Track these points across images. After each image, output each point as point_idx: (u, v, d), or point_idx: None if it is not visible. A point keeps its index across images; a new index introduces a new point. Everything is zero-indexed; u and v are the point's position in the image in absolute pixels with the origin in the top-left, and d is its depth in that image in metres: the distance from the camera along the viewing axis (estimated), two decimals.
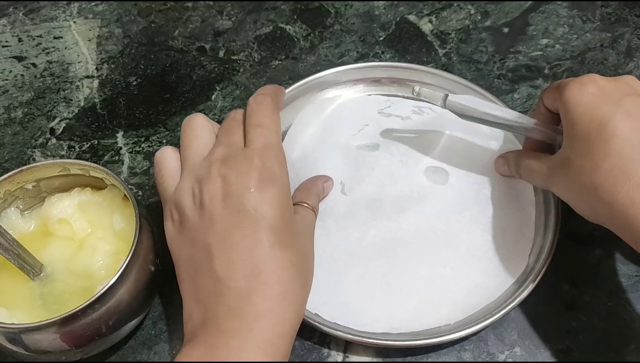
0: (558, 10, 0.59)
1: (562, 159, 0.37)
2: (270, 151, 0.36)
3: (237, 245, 0.33)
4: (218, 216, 0.34)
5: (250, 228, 0.33)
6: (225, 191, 0.34)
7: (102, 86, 0.55)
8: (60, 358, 0.35)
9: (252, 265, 0.33)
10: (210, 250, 0.33)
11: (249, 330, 0.31)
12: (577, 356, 0.40)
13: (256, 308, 0.32)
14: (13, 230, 0.39)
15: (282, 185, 0.36)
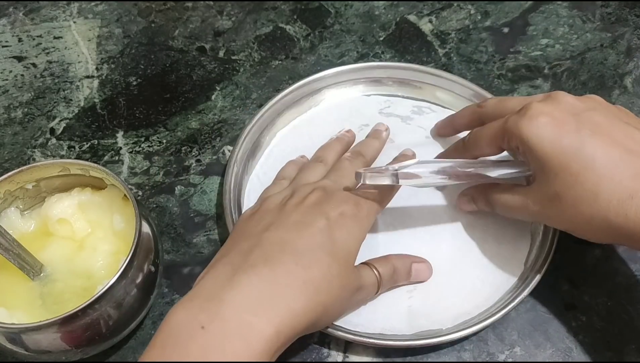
0: (558, 10, 0.59)
1: (550, 195, 0.36)
2: (367, 205, 0.38)
3: (293, 232, 0.34)
4: (294, 213, 0.36)
5: (316, 227, 0.35)
6: (313, 204, 0.36)
7: (102, 86, 0.55)
8: (60, 358, 0.35)
9: (294, 245, 0.33)
10: (269, 224, 0.35)
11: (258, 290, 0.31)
12: (577, 356, 0.40)
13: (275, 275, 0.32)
14: (13, 230, 0.39)
15: (361, 228, 0.37)
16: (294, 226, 0.35)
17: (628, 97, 0.53)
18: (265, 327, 0.30)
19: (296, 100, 0.50)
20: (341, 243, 0.35)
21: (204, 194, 0.47)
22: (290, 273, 0.32)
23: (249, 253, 0.33)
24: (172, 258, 0.44)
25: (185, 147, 0.50)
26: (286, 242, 0.34)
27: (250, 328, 0.30)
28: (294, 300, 0.31)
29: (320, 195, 0.37)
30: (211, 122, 0.52)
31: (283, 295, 0.31)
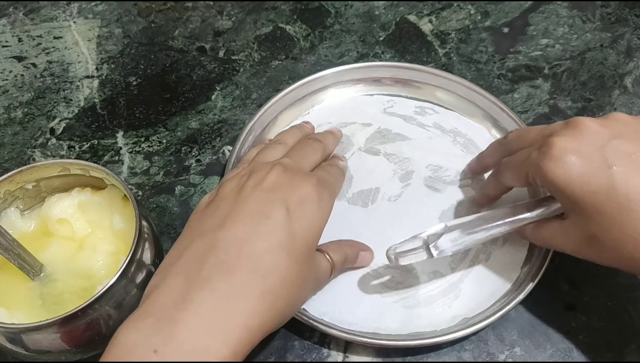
0: (558, 10, 0.59)
1: (588, 237, 0.34)
2: (329, 186, 0.36)
3: (250, 229, 0.32)
4: (251, 201, 0.33)
5: (275, 221, 0.32)
6: (270, 188, 0.34)
7: (102, 86, 0.55)
8: (60, 358, 0.35)
9: (252, 248, 0.31)
10: (225, 219, 0.33)
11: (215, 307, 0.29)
12: (577, 356, 0.40)
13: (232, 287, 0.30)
14: (13, 230, 0.39)
15: (322, 213, 0.35)
16: (251, 219, 0.32)
17: (628, 97, 0.53)
18: (221, 348, 0.29)
19: (297, 99, 0.50)
20: (302, 238, 0.33)
21: (204, 194, 0.47)
22: (247, 283, 0.30)
23: (204, 261, 0.31)
24: None
25: (185, 147, 0.50)
26: (243, 243, 0.31)
27: (206, 351, 0.28)
28: (251, 315, 0.30)
29: (278, 173, 0.35)
30: (211, 122, 0.52)
31: (240, 311, 0.30)
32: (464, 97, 0.50)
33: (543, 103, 0.53)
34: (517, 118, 0.48)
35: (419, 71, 0.52)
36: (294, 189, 0.34)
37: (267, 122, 0.49)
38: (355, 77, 0.52)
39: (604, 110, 0.52)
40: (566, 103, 0.53)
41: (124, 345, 0.28)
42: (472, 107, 0.50)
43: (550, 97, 0.53)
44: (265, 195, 0.34)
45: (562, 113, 0.52)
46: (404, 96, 0.52)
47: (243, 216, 0.33)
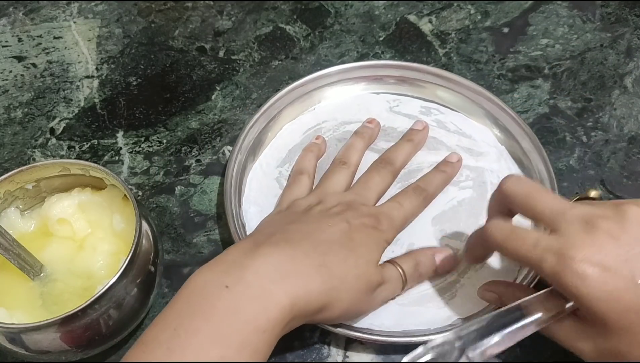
0: (558, 10, 0.59)
1: (611, 350, 0.32)
2: (391, 222, 0.40)
3: (315, 225, 0.37)
4: (318, 217, 0.38)
5: (337, 227, 0.37)
6: (336, 213, 0.38)
7: (102, 86, 0.55)
8: (60, 358, 0.35)
9: (317, 235, 0.36)
10: (294, 221, 0.38)
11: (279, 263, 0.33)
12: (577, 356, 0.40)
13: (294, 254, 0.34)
14: (13, 230, 0.39)
15: (379, 242, 0.38)
16: (317, 224, 0.37)
17: (628, 97, 0.53)
18: (282, 296, 0.31)
19: (297, 98, 0.51)
20: (359, 243, 0.36)
21: (204, 194, 0.47)
22: (308, 255, 0.34)
23: (272, 235, 0.35)
24: (172, 258, 0.44)
25: (185, 147, 0.50)
26: (307, 233, 0.36)
27: (270, 295, 0.31)
28: (310, 279, 0.33)
29: (344, 209, 0.39)
30: (211, 122, 0.52)
31: (300, 272, 0.33)
32: (467, 97, 0.50)
33: (543, 103, 0.53)
34: (521, 121, 0.48)
35: (420, 71, 0.52)
36: (357, 216, 0.38)
37: (267, 121, 0.49)
38: (357, 75, 0.52)
39: (603, 110, 0.52)
40: (566, 103, 0.53)
41: (200, 281, 0.32)
42: (475, 107, 0.50)
43: (550, 97, 0.53)
44: (331, 216, 0.38)
45: (562, 113, 0.52)
46: (410, 96, 0.52)
47: (310, 221, 0.38)
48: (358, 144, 0.47)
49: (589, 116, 0.52)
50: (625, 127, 0.51)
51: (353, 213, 0.39)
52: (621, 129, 0.51)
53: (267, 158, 0.48)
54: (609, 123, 0.51)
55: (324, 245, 0.35)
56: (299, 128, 0.50)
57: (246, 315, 0.30)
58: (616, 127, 0.51)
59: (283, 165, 0.48)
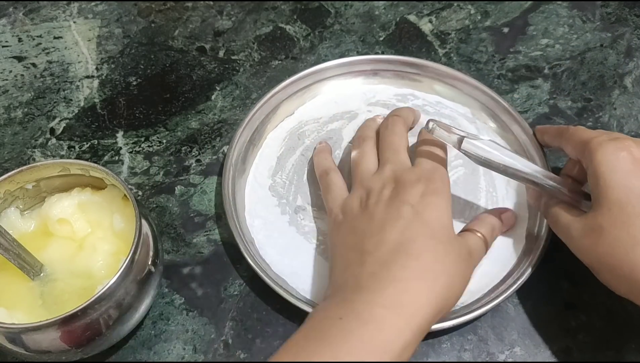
0: (558, 10, 0.59)
1: (593, 227, 0.36)
2: (437, 173, 0.39)
3: (389, 230, 0.36)
4: (379, 211, 0.37)
5: (406, 218, 0.36)
6: (390, 198, 0.38)
7: (102, 86, 0.55)
8: (60, 358, 0.35)
9: (398, 241, 0.35)
10: (364, 233, 0.36)
11: (382, 289, 0.33)
12: (577, 356, 0.40)
13: (393, 274, 0.33)
14: (13, 230, 0.39)
15: (444, 199, 0.38)
16: (387, 224, 0.36)
17: (628, 97, 0.53)
18: (395, 319, 0.32)
19: (276, 105, 0.50)
20: (435, 222, 0.36)
21: (204, 194, 0.47)
22: (405, 267, 0.34)
23: (362, 263, 0.35)
24: (172, 258, 0.44)
25: (185, 147, 0.50)
26: (388, 241, 0.35)
27: (383, 318, 0.32)
28: (418, 293, 0.33)
29: (392, 186, 0.39)
30: (211, 122, 0.52)
31: (406, 290, 0.33)
32: (466, 93, 0.51)
33: (543, 103, 0.53)
34: (519, 117, 0.48)
35: (417, 66, 0.52)
36: (410, 190, 0.38)
37: (251, 133, 0.49)
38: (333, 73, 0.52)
39: (603, 110, 0.52)
40: (566, 103, 0.53)
41: (316, 318, 0.33)
42: (475, 103, 0.51)
43: (550, 97, 0.53)
44: (389, 203, 0.38)
45: (562, 113, 0.52)
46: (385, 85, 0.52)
47: (377, 224, 0.37)
48: (370, 123, 0.47)
49: (589, 116, 0.52)
50: (625, 127, 0.51)
51: (404, 189, 0.38)
52: (621, 129, 0.51)
53: (259, 168, 0.48)
54: (609, 123, 0.51)
55: (412, 248, 0.34)
56: (281, 135, 0.50)
57: (363, 339, 0.31)
58: (616, 127, 0.51)
59: (275, 174, 0.47)
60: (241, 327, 0.41)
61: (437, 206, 0.37)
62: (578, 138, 0.39)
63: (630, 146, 0.36)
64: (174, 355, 0.40)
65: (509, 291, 0.40)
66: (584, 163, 0.38)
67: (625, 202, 0.34)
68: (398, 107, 0.50)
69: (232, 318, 0.41)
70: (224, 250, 0.44)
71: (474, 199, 0.46)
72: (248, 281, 0.43)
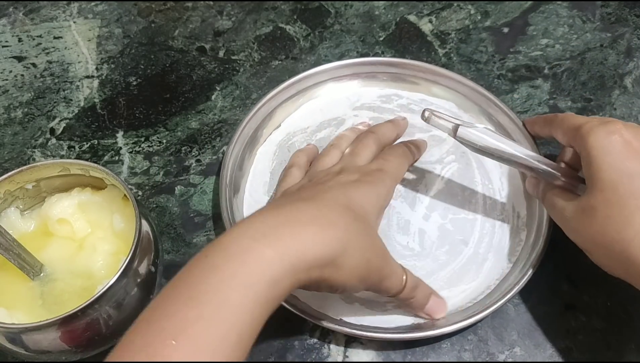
0: (558, 10, 0.59)
1: (586, 208, 0.36)
2: (378, 172, 0.40)
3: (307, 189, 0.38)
4: (310, 186, 0.39)
5: (331, 186, 0.37)
6: (326, 180, 0.38)
7: (102, 86, 0.55)
8: (60, 358, 0.35)
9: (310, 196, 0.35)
10: (287, 197, 0.38)
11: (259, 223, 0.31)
12: (577, 356, 0.40)
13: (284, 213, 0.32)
14: (13, 230, 0.39)
15: (374, 191, 0.38)
16: (311, 192, 0.36)
17: (628, 97, 0.53)
18: (264, 249, 0.29)
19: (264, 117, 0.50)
20: (357, 201, 0.35)
21: (204, 195, 0.47)
22: (299, 210, 0.32)
23: (262, 211, 0.33)
24: (172, 258, 0.44)
25: (185, 147, 0.50)
26: (300, 198, 0.35)
27: (249, 251, 0.29)
28: (302, 228, 0.31)
29: (333, 175, 0.39)
30: (211, 122, 0.52)
31: (289, 224, 0.31)
32: (461, 93, 0.51)
33: (543, 103, 0.53)
34: (515, 116, 0.48)
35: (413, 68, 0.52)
36: (348, 175, 0.39)
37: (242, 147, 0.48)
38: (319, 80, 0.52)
39: (603, 110, 0.52)
40: (566, 103, 0.53)
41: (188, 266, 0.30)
42: (470, 104, 0.51)
43: (550, 97, 0.53)
44: (321, 182, 0.38)
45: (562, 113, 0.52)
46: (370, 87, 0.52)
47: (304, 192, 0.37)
48: (350, 134, 0.47)
49: (590, 116, 0.52)
50: None
51: (341, 174, 0.39)
52: None
53: (253, 186, 0.47)
54: None
55: (318, 202, 0.34)
56: (271, 149, 0.49)
57: (224, 275, 0.28)
58: None
59: (270, 190, 0.47)
60: None
61: (365, 193, 0.37)
62: (569, 124, 0.39)
63: (621, 129, 0.36)
64: None
65: (511, 294, 0.39)
66: (577, 148, 0.38)
67: (617, 183, 0.35)
68: (383, 108, 0.51)
69: None
70: None
71: (471, 193, 0.46)
72: None
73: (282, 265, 0.29)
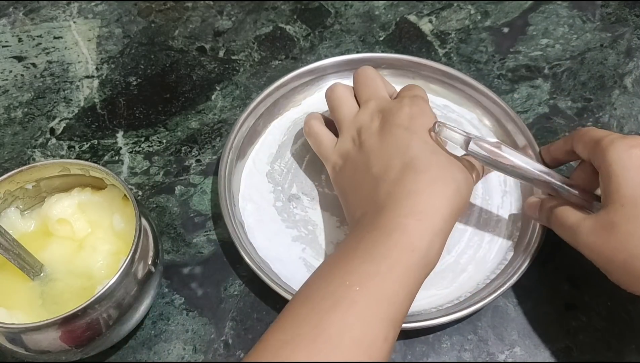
0: (558, 10, 0.59)
1: (605, 224, 0.35)
2: (417, 98, 0.41)
3: (391, 152, 0.38)
4: (375, 142, 0.40)
5: (404, 138, 0.38)
6: (381, 127, 0.40)
7: (102, 86, 0.55)
8: (60, 358, 0.35)
9: (404, 162, 0.37)
10: (369, 165, 0.39)
11: (399, 202, 0.35)
12: (577, 356, 0.40)
13: (408, 188, 0.36)
14: (13, 230, 0.39)
15: (431, 118, 0.40)
16: (388, 150, 0.39)
17: (628, 97, 0.53)
18: (416, 223, 0.34)
19: (283, 95, 0.51)
20: (430, 139, 0.39)
21: (204, 194, 0.47)
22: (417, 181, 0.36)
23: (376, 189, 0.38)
24: (172, 258, 0.44)
25: (185, 147, 0.50)
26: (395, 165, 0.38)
27: (405, 226, 0.34)
28: (432, 199, 0.35)
29: (380, 117, 0.41)
30: (211, 122, 0.52)
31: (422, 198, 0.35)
32: (461, 90, 0.51)
33: (543, 103, 0.53)
34: (517, 117, 0.48)
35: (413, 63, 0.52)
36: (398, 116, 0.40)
37: (255, 119, 0.49)
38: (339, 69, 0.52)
39: (604, 110, 0.52)
40: (566, 103, 0.53)
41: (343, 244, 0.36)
42: (469, 102, 0.51)
43: (550, 97, 0.53)
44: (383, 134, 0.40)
45: (562, 113, 0.52)
46: None
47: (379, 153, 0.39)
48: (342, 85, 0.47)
49: (589, 116, 0.52)
50: (626, 127, 0.51)
51: (392, 115, 0.40)
52: (621, 129, 0.51)
53: (259, 155, 0.49)
54: (609, 123, 0.51)
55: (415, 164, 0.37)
56: (285, 124, 0.50)
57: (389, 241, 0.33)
58: (616, 127, 0.51)
59: (275, 161, 0.48)
60: (241, 327, 0.41)
61: (427, 125, 0.39)
62: (589, 137, 0.39)
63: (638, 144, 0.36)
64: (174, 355, 0.40)
65: (506, 286, 0.40)
66: (595, 162, 0.37)
67: (638, 198, 0.34)
68: None
69: (232, 318, 0.41)
70: (223, 250, 0.44)
71: (469, 205, 0.46)
72: (248, 281, 0.43)
73: (433, 231, 0.34)
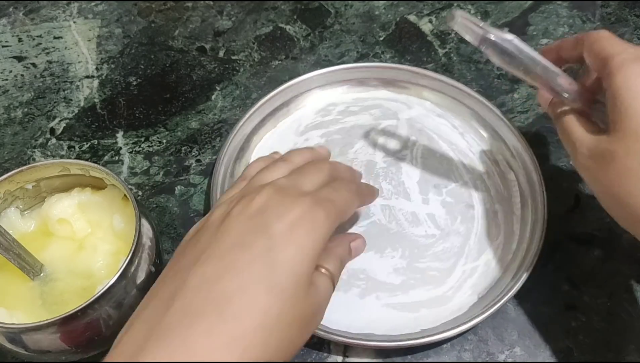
0: (558, 10, 0.59)
1: (606, 152, 0.33)
2: (329, 209, 0.31)
3: (216, 277, 0.28)
4: (232, 232, 0.29)
5: (257, 251, 0.28)
6: (257, 210, 0.30)
7: (102, 86, 0.55)
8: (60, 358, 0.35)
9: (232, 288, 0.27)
10: (202, 254, 0.29)
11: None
12: (577, 356, 0.40)
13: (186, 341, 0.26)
14: (13, 230, 0.39)
15: (314, 241, 0.30)
16: (228, 252, 0.29)
17: None
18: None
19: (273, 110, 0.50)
20: (286, 268, 0.28)
21: (204, 195, 0.47)
22: (211, 332, 0.26)
23: (169, 305, 0.27)
24: None
25: (185, 147, 0.50)
26: (214, 282, 0.27)
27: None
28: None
29: (268, 196, 0.31)
30: (211, 122, 0.52)
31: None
32: (453, 97, 0.51)
33: None
34: (509, 122, 0.48)
35: (407, 72, 0.52)
36: (283, 212, 0.30)
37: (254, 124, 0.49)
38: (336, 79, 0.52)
39: None
40: None
41: None
42: (462, 108, 0.51)
43: None
44: (250, 222, 0.30)
45: None
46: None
47: (221, 249, 0.29)
48: (306, 152, 0.40)
49: None
50: None
51: (279, 207, 0.30)
52: None
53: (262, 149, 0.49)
54: None
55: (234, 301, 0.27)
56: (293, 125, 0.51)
57: None
58: None
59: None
60: None
61: (301, 244, 0.29)
62: (599, 49, 0.35)
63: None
64: None
65: (506, 298, 0.39)
66: (604, 81, 0.34)
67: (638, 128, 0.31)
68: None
69: None
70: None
71: (448, 162, 0.48)
72: None
73: None
